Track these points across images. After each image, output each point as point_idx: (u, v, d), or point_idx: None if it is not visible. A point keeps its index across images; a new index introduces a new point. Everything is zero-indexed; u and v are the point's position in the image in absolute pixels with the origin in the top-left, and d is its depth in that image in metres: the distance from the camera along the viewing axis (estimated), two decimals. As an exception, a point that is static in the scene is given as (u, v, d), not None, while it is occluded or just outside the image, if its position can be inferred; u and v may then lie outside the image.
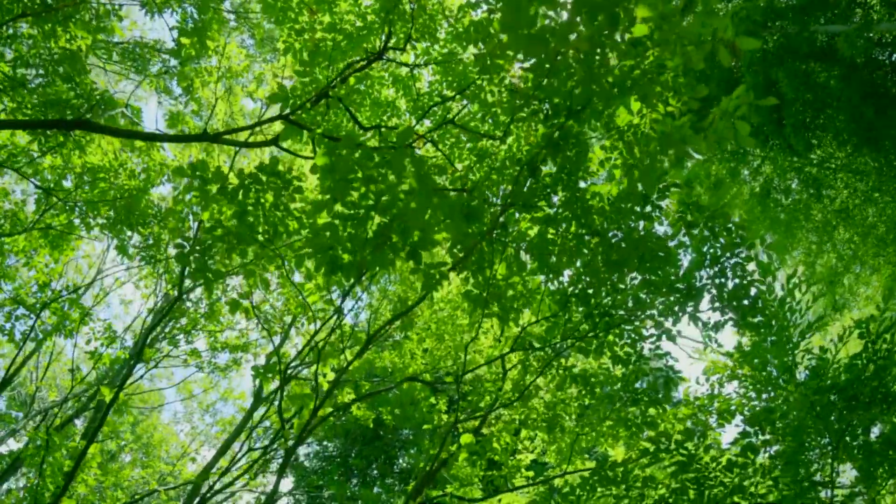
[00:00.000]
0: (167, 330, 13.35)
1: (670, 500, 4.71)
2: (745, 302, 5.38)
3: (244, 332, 13.02)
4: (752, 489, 4.80)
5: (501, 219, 5.08)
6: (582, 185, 4.88)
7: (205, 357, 13.59)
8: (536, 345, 5.96)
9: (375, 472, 14.46)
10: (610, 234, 4.88)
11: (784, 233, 11.30)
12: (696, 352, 8.33)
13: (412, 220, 3.81)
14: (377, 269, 4.84)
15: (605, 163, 4.80)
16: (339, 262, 4.04)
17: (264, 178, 4.70)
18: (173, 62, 9.71)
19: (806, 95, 8.82)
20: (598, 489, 4.79)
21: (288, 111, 5.35)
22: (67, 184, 8.09)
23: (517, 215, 5.29)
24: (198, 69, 7.17)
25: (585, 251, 5.02)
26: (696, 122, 3.72)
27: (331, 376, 4.85)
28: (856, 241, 10.98)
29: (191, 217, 6.68)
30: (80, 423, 13.37)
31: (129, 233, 8.78)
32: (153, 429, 16.30)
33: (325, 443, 17.13)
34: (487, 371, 6.62)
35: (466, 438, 5.95)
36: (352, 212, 3.77)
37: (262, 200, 4.74)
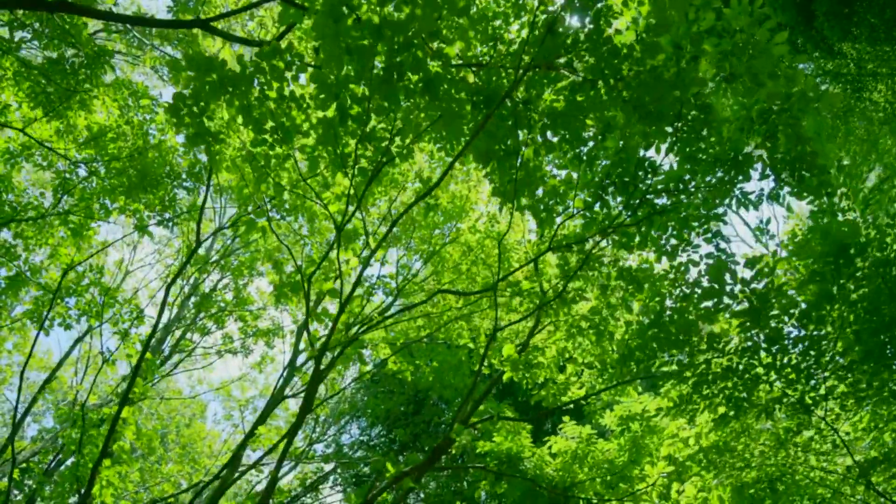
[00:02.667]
0: (199, 322, 13.25)
1: (740, 361, 4.23)
2: (802, 166, 4.86)
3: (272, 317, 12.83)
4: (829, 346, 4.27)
5: (521, 90, 4.69)
6: (608, 31, 4.45)
7: (237, 344, 13.48)
8: (573, 244, 5.52)
9: (419, 445, 14.10)
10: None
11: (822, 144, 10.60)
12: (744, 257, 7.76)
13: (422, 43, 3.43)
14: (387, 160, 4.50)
15: (629, 2, 4.38)
16: (347, 111, 3.72)
17: (266, 67, 4.41)
18: None
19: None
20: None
21: None
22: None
23: (540, 89, 4.89)
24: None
25: (618, 112, 4.60)
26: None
27: (354, 263, 4.51)
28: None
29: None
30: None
31: (146, 213, 8.68)
32: (194, 431, 16.27)
33: (368, 431, 16.85)
34: (524, 276, 6.19)
35: (509, 349, 5.53)
36: (357, 36, 3.41)
37: (267, 91, 4.44)
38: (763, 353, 4.28)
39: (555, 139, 5.18)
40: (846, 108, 9.80)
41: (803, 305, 4.02)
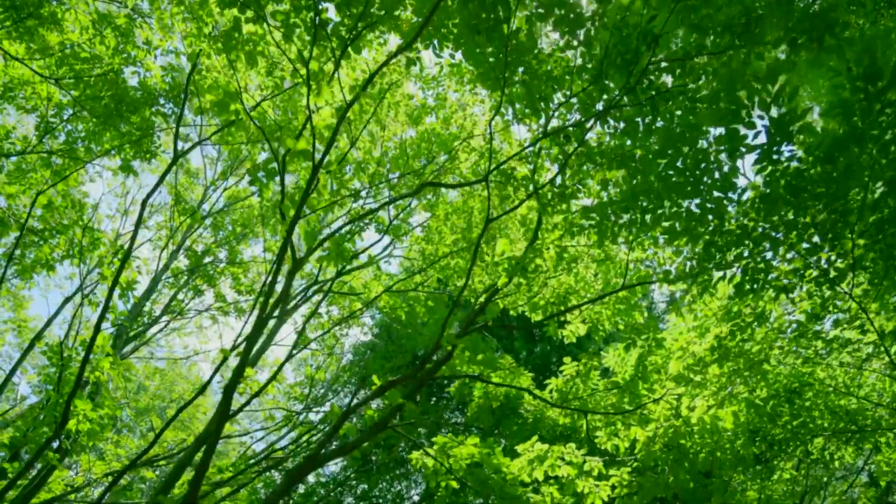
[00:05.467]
0: (191, 282, 12.89)
1: (757, 219, 3.79)
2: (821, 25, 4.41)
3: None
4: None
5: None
6: None
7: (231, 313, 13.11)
8: (570, 126, 5.10)
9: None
10: None
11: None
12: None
13: None
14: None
15: None
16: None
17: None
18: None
19: None
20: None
21: None
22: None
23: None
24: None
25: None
26: None
27: (327, 116, 4.11)
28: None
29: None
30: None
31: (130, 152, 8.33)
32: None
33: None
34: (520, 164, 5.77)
35: (504, 245, 5.11)
36: None
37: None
38: (783, 211, 3.85)
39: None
40: None
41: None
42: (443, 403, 14.56)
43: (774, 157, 3.57)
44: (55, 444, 6.76)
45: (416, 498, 15.72)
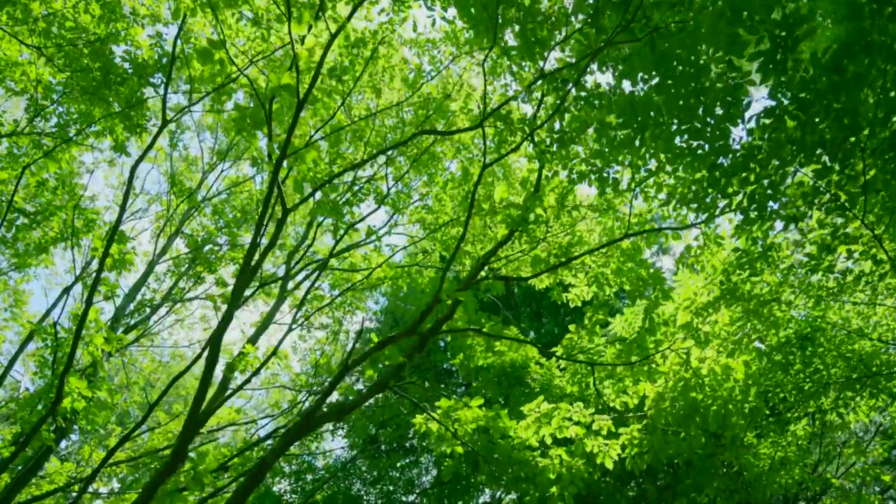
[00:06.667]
0: (190, 270, 12.79)
1: (763, 138, 3.62)
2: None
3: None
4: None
5: None
6: None
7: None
8: (566, 68, 4.94)
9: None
10: None
11: None
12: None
13: None
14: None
15: None
16: None
17: None
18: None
19: None
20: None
21: None
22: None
23: None
24: None
25: None
26: None
27: (311, 45, 3.96)
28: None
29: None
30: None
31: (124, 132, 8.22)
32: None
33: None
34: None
35: (502, 190, 4.96)
36: None
37: None
38: (790, 127, 3.69)
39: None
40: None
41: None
42: (449, 384, 14.43)
43: (779, 66, 3.40)
44: (52, 428, 6.64)
45: (426, 486, 15.61)
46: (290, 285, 9.79)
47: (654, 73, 4.70)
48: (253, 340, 9.03)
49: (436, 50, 7.55)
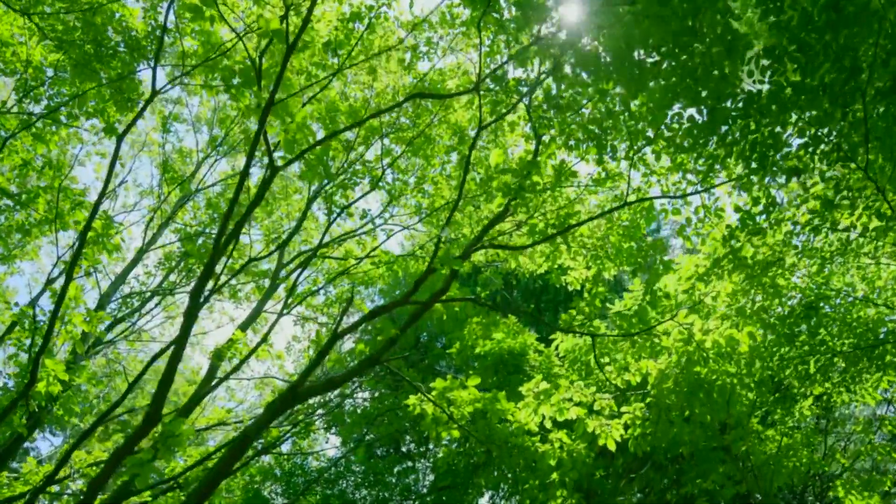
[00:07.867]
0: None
1: (763, 80, 3.53)
2: None
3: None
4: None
5: None
6: None
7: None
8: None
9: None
10: None
11: None
12: None
13: None
14: None
15: None
16: None
17: None
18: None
19: None
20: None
21: None
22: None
23: None
24: None
25: None
26: None
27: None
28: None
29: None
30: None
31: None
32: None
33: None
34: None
35: (498, 156, 4.85)
36: None
37: None
38: (790, 69, 3.60)
39: None
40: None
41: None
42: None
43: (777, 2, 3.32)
44: (24, 415, 6.38)
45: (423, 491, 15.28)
46: (283, 274, 9.63)
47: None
48: (243, 328, 8.84)
49: (432, 32, 7.50)
